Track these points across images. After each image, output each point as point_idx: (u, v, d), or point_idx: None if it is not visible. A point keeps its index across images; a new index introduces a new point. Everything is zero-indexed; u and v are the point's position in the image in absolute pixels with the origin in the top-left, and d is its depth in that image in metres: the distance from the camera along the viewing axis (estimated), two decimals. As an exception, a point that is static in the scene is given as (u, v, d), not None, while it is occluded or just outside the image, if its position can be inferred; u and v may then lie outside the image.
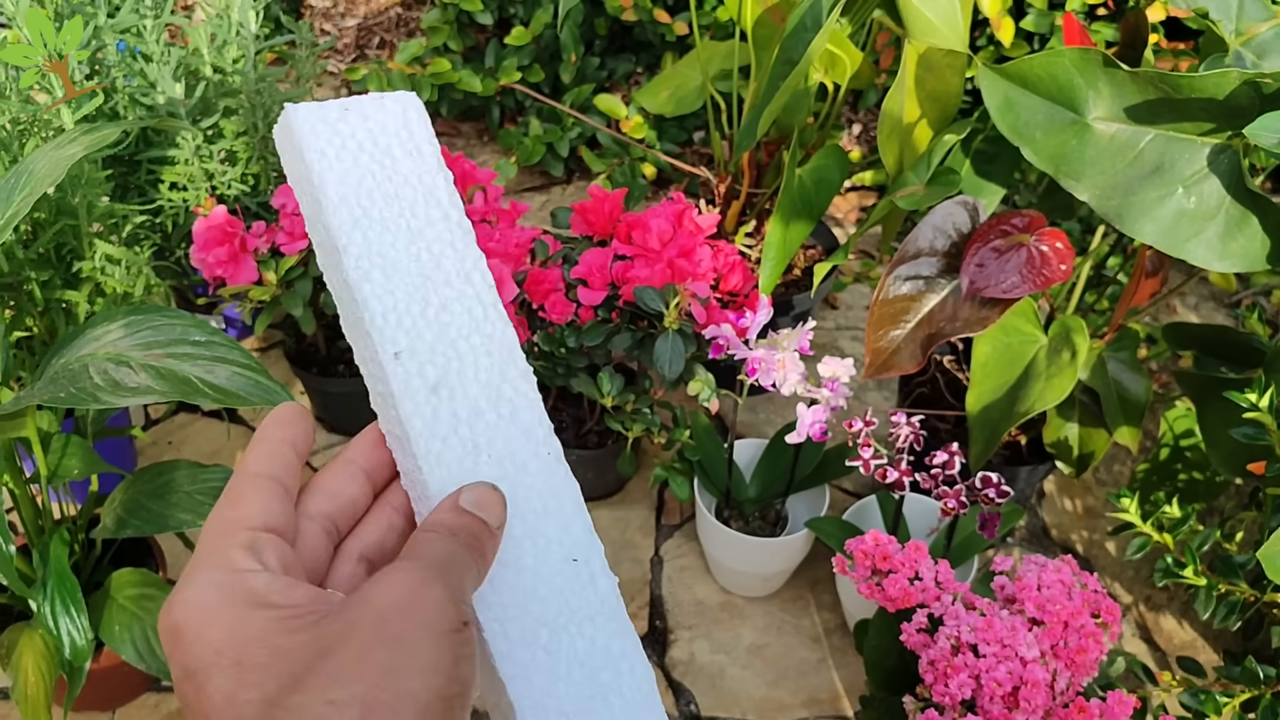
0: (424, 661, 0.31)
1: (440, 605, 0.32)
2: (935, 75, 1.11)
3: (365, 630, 0.31)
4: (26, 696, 0.91)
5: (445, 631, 0.32)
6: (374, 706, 0.30)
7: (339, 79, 2.03)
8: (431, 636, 0.31)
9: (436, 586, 0.33)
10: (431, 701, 0.30)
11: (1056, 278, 0.97)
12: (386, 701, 0.30)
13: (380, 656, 0.31)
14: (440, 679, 0.31)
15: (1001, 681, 0.84)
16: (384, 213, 0.38)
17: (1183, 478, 1.18)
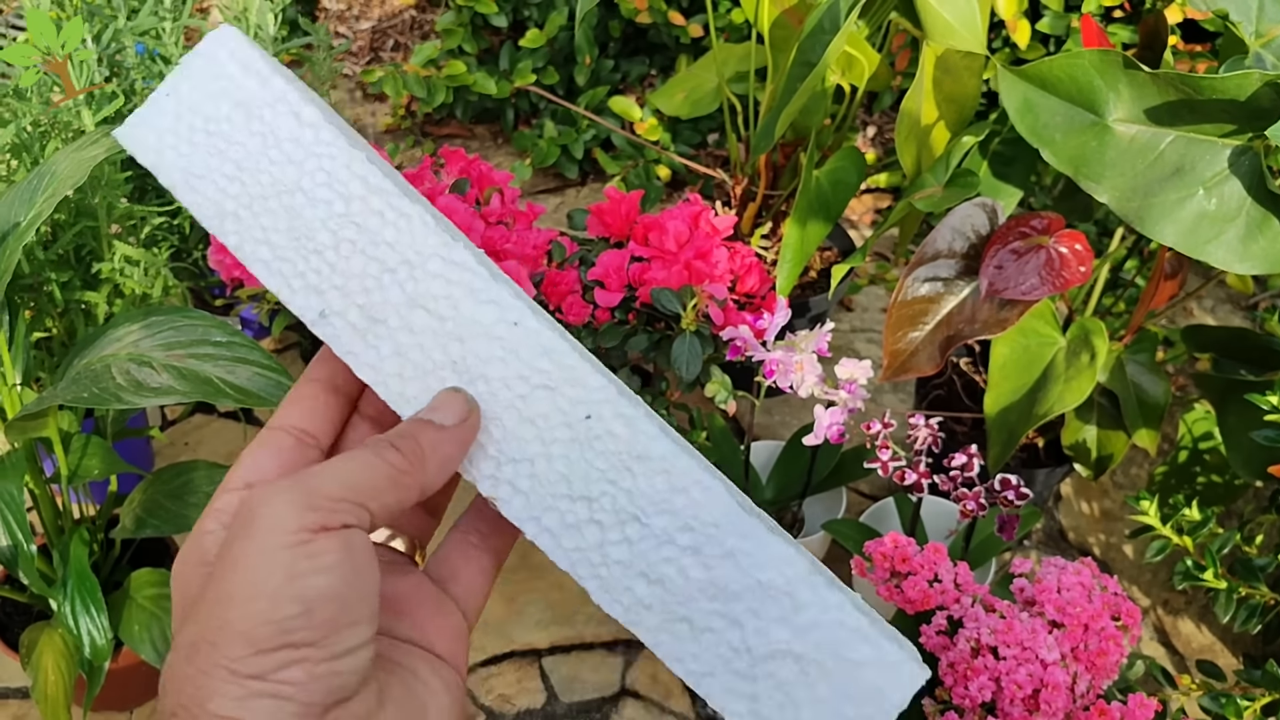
0: (246, 586, 0.28)
1: (277, 519, 0.29)
2: (953, 77, 1.11)
3: (215, 564, 0.30)
4: (46, 695, 0.92)
5: (277, 548, 0.29)
6: (198, 646, 0.28)
7: (354, 81, 2.04)
8: (258, 557, 0.29)
9: (277, 498, 0.29)
10: (254, 629, 0.28)
11: (1075, 280, 0.96)
12: (209, 639, 0.28)
13: (212, 591, 0.29)
14: (264, 602, 0.28)
15: (1022, 684, 0.83)
16: (243, 180, 0.36)
17: (1201, 480, 1.17)
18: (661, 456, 0.34)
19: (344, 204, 0.35)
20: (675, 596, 0.33)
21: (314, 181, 0.35)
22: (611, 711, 1.14)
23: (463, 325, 0.35)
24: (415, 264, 0.35)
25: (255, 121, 0.35)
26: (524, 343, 0.34)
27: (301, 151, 0.35)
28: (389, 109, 1.97)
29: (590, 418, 0.34)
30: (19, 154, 1.03)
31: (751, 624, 0.33)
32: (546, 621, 1.21)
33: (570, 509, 0.34)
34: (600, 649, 1.19)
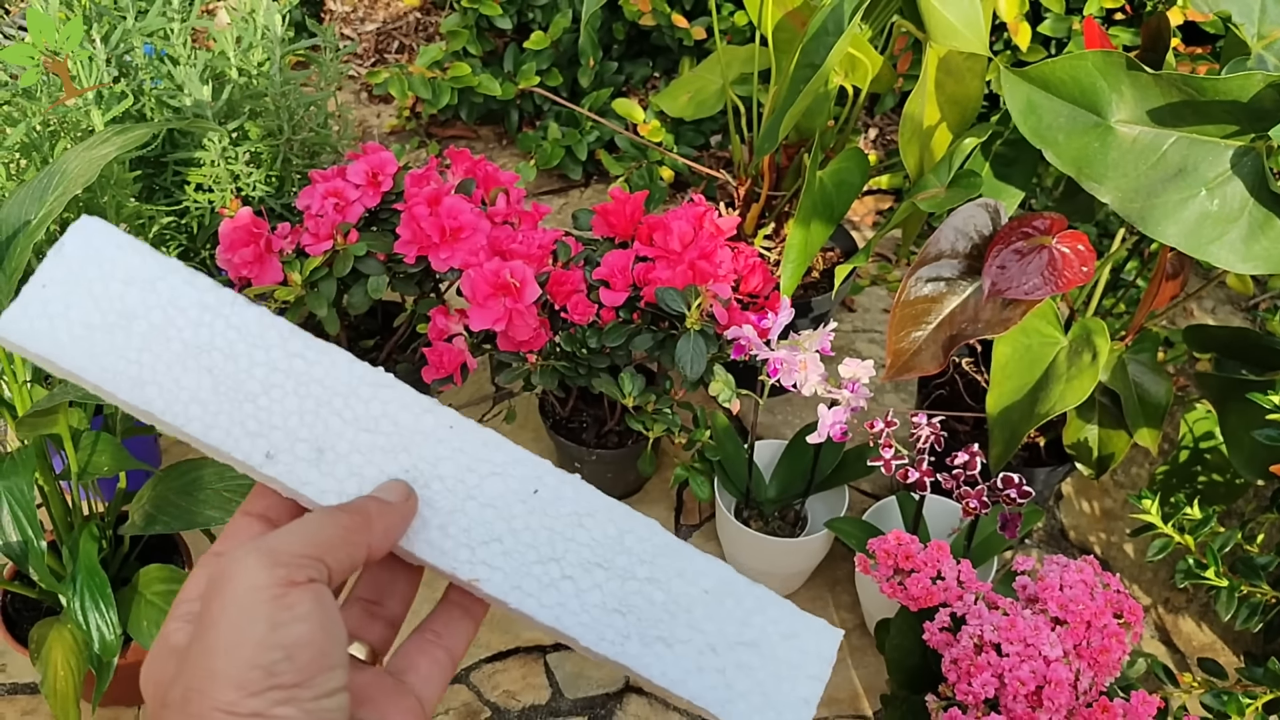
0: (230, 637, 0.31)
1: (249, 578, 0.32)
2: (955, 79, 1.12)
3: (197, 626, 0.33)
4: (56, 691, 0.92)
5: (255, 603, 0.31)
6: (189, 697, 0.31)
7: (359, 83, 2.04)
8: (239, 610, 0.31)
9: (246, 560, 0.32)
10: (243, 673, 0.30)
11: (1078, 280, 0.97)
12: (198, 688, 0.31)
13: (196, 646, 0.32)
14: (249, 649, 0.31)
15: (1025, 680, 0.84)
16: (153, 350, 0.38)
17: (1202, 480, 1.18)
18: (604, 508, 0.40)
19: (264, 353, 0.38)
20: (647, 621, 0.39)
21: (227, 339, 0.38)
22: (616, 707, 1.15)
23: (406, 437, 0.39)
24: (348, 393, 0.39)
25: (151, 295, 0.38)
26: (465, 440, 0.39)
27: (209, 314, 0.38)
28: (394, 110, 1.97)
29: (538, 491, 0.39)
30: (28, 153, 1.04)
31: (710, 627, 0.39)
32: (551, 619, 1.22)
33: (544, 571, 0.39)
34: (604, 647, 1.20)
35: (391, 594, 0.41)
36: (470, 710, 1.14)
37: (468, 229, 1.12)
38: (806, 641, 0.39)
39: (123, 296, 0.38)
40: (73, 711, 0.92)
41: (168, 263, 0.38)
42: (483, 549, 0.39)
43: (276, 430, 0.38)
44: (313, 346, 0.39)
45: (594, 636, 0.38)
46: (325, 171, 1.19)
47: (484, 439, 0.39)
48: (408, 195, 1.15)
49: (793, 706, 0.38)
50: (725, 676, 0.38)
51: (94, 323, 0.37)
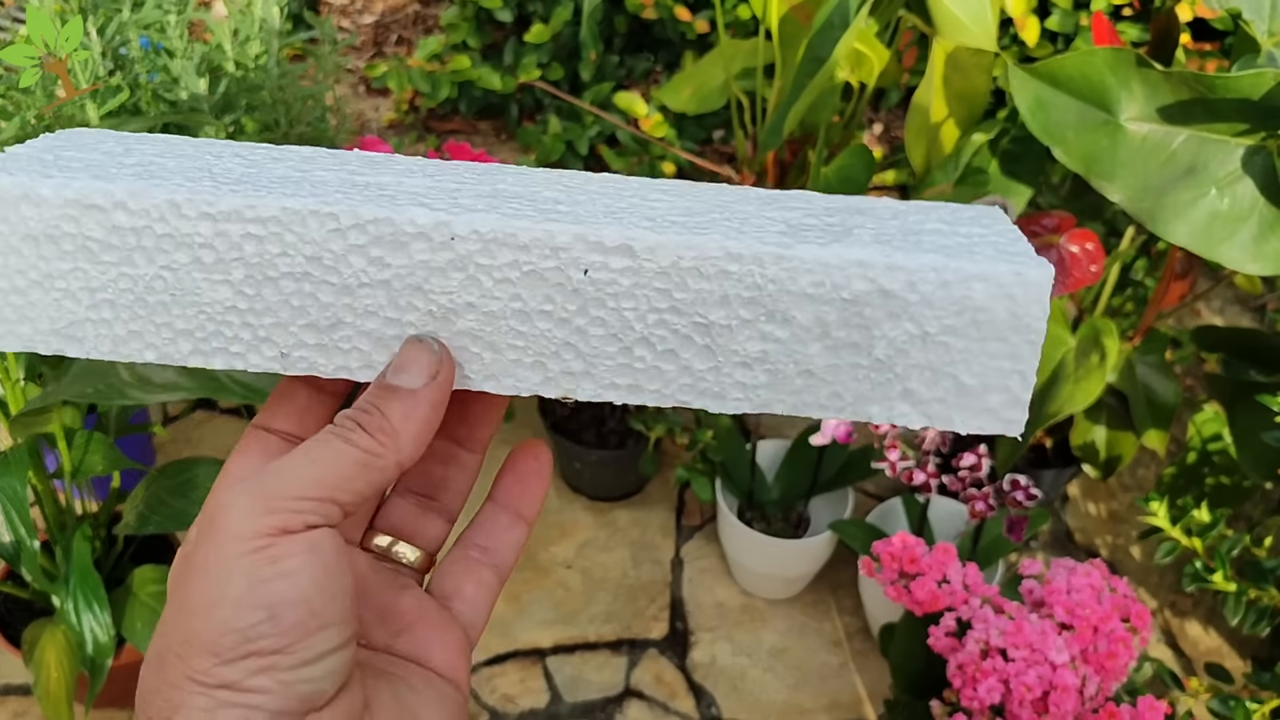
0: (207, 594, 0.27)
1: (234, 526, 0.28)
2: (962, 74, 1.10)
3: (182, 570, 0.29)
4: (48, 693, 0.91)
5: (234, 555, 0.28)
6: (165, 658, 0.28)
7: (357, 76, 2.03)
8: (218, 565, 0.28)
9: (234, 504, 0.28)
10: (218, 639, 0.27)
11: (1087, 279, 0.96)
12: (175, 650, 0.28)
13: (176, 599, 0.28)
14: (227, 609, 0.27)
15: (1031, 686, 0.83)
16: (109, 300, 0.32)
17: (1210, 482, 1.17)
18: (677, 259, 0.31)
19: (210, 252, 0.32)
20: (781, 361, 0.31)
21: (166, 252, 0.32)
22: (615, 712, 1.13)
23: (408, 274, 0.31)
24: (319, 255, 0.31)
25: (64, 242, 0.32)
26: (475, 251, 0.31)
27: (130, 236, 0.32)
28: (392, 104, 1.96)
29: (589, 271, 0.31)
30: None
31: (864, 338, 0.31)
32: (550, 621, 1.21)
33: (634, 359, 0.32)
34: (604, 649, 1.19)
35: (445, 487, 0.36)
36: (468, 714, 1.12)
37: (467, 225, 1.11)
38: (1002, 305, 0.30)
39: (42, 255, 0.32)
40: (65, 713, 0.91)
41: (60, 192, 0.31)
42: (555, 361, 0.32)
43: (277, 326, 0.32)
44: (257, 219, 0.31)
45: (721, 401, 0.32)
46: (323, 166, 1.18)
47: (497, 237, 0.31)
48: (406, 191, 1.14)
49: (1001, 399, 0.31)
50: (904, 386, 0.31)
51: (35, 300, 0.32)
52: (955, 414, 0.32)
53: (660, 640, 1.20)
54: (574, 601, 1.23)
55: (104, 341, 0.32)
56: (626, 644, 1.19)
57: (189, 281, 0.32)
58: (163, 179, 0.32)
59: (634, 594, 1.24)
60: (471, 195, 0.32)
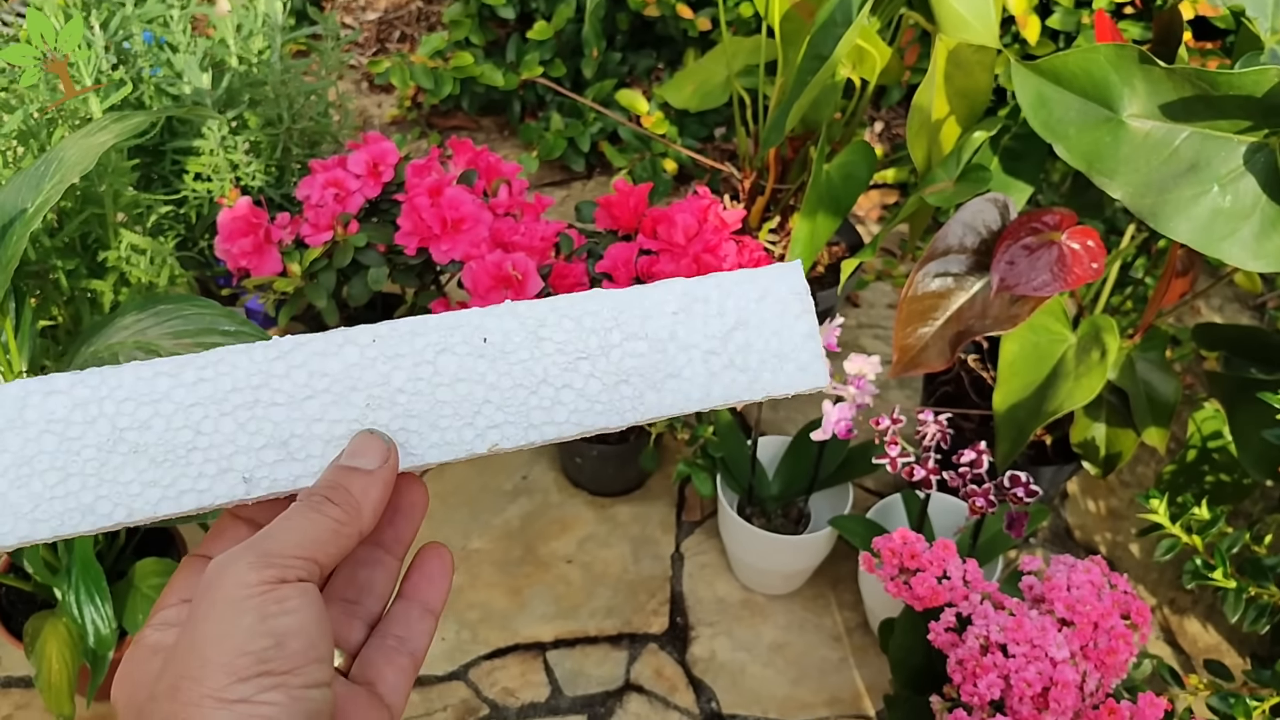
0: (218, 628, 0.31)
1: (239, 576, 0.32)
2: (964, 72, 1.10)
3: (184, 623, 0.33)
4: (50, 685, 0.91)
5: (242, 597, 0.32)
6: (179, 685, 0.31)
7: (360, 72, 2.03)
8: (226, 604, 0.32)
9: (237, 561, 0.33)
10: (233, 660, 0.31)
11: (1088, 276, 0.96)
12: (190, 675, 0.31)
13: (185, 640, 0.32)
14: (241, 636, 0.31)
15: (1031, 682, 0.83)
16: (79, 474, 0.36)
17: (1210, 480, 1.17)
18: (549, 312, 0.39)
19: (169, 405, 0.36)
20: (648, 372, 0.40)
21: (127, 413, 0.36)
22: (616, 706, 1.14)
23: (337, 384, 0.38)
24: (259, 387, 0.37)
25: (30, 428, 0.35)
26: (394, 344, 0.38)
27: (93, 408, 0.36)
28: (395, 100, 1.96)
29: (487, 339, 0.39)
30: (25, 140, 1.02)
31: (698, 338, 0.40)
32: (551, 615, 1.21)
33: (541, 397, 0.39)
34: (605, 643, 1.19)
35: (371, 591, 0.40)
36: (469, 707, 1.13)
37: (469, 220, 1.11)
38: (778, 291, 0.41)
39: (6, 446, 0.35)
40: (67, 705, 0.91)
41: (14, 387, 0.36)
42: (479, 418, 0.38)
43: (240, 455, 0.37)
44: (200, 367, 0.37)
45: (618, 416, 0.39)
46: (325, 161, 1.18)
47: (410, 329, 0.38)
48: (409, 186, 1.14)
49: (802, 347, 0.41)
50: (735, 365, 0.40)
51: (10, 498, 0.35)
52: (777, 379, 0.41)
53: (660, 635, 1.20)
54: (574, 596, 1.23)
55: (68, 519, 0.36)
56: (627, 638, 1.20)
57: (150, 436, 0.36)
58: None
59: (634, 589, 1.24)
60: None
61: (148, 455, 0.36)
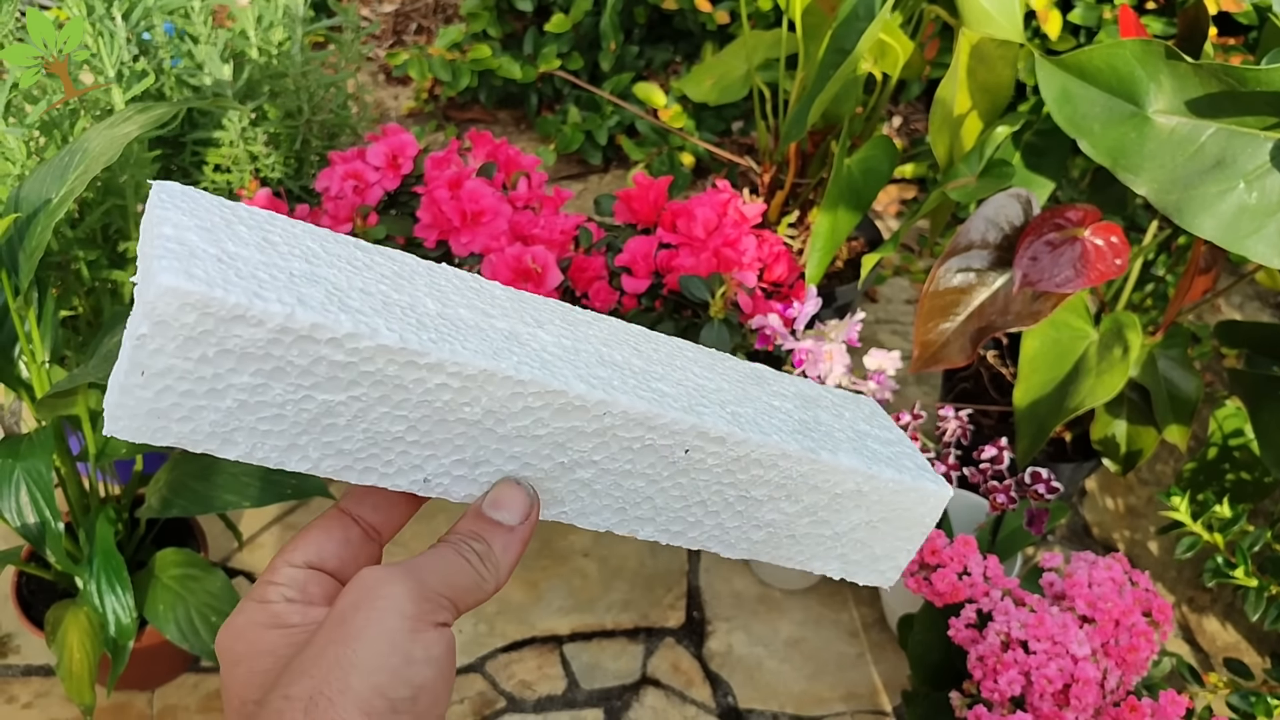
0: (370, 659, 0.31)
1: (397, 603, 0.32)
2: (987, 66, 1.10)
3: (327, 629, 0.33)
4: (71, 673, 0.92)
5: (400, 631, 0.32)
6: (317, 700, 0.31)
7: (377, 65, 2.03)
8: (382, 633, 0.32)
9: (397, 585, 0.33)
10: (372, 698, 0.31)
11: (1110, 272, 0.95)
12: (329, 695, 0.31)
13: (332, 653, 0.32)
14: (385, 677, 0.31)
15: (1052, 679, 0.83)
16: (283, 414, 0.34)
17: (1230, 478, 1.16)
18: (749, 452, 0.40)
19: (402, 392, 0.34)
20: (781, 527, 0.42)
21: (361, 386, 0.33)
22: (633, 699, 1.14)
23: (558, 435, 0.37)
24: (496, 410, 0.35)
25: (263, 361, 0.32)
26: (617, 425, 0.37)
27: (332, 367, 0.33)
28: (412, 93, 1.96)
29: (689, 451, 0.39)
30: (48, 131, 1.03)
31: (835, 518, 0.43)
32: (568, 608, 1.21)
33: (689, 513, 0.41)
34: (622, 636, 1.19)
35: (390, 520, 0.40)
36: (485, 700, 1.13)
37: (489, 213, 1.11)
38: (919, 510, 0.43)
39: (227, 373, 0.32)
40: (88, 694, 0.91)
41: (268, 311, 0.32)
42: (633, 509, 0.40)
43: (430, 459, 0.36)
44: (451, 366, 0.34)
45: (730, 549, 0.42)
46: (345, 153, 1.18)
47: (638, 418, 0.37)
48: (428, 178, 1.14)
49: (897, 559, 0.45)
50: (842, 548, 0.44)
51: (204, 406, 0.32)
52: (861, 571, 0.45)
53: (677, 629, 1.20)
54: (591, 589, 1.23)
55: (260, 449, 0.34)
56: (643, 632, 1.20)
57: (370, 413, 0.34)
58: (360, 314, 0.33)
59: (651, 582, 1.24)
60: (594, 359, 0.39)
61: (355, 428, 0.34)
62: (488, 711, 1.12)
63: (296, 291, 0.32)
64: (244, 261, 0.33)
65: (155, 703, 1.10)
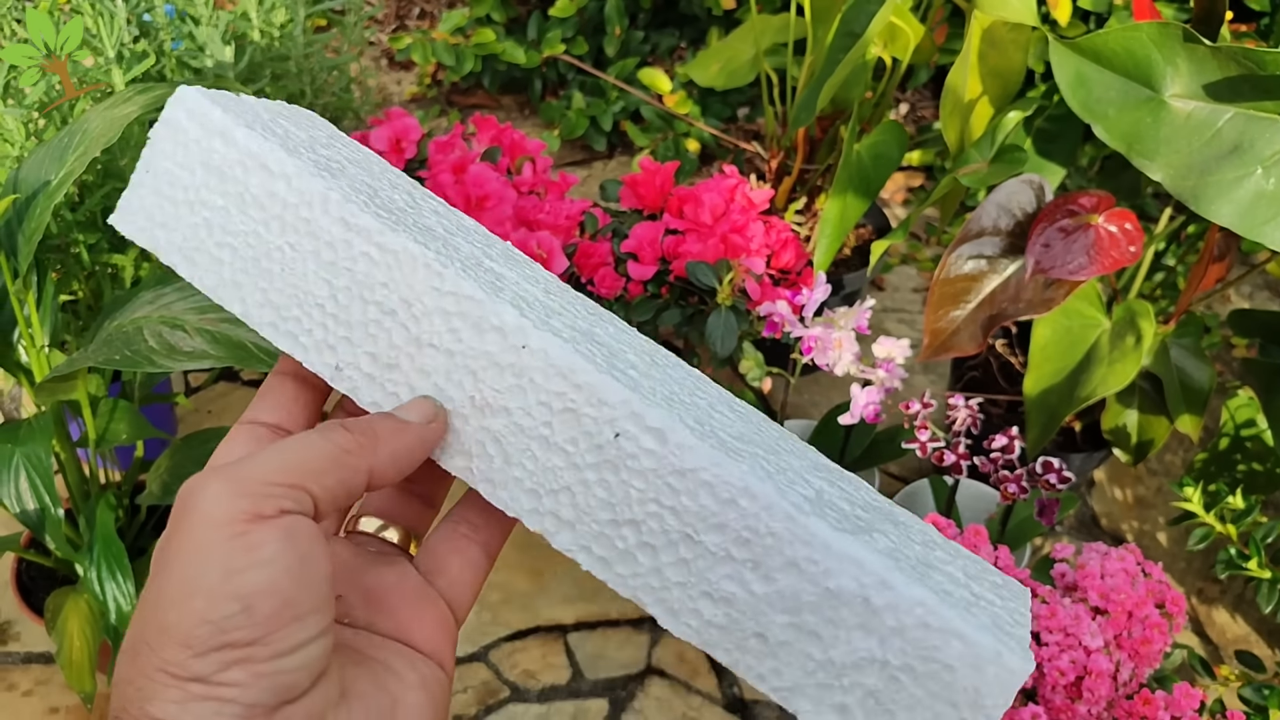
0: (181, 585, 0.27)
1: (208, 509, 0.27)
2: (999, 51, 1.08)
3: (156, 558, 0.28)
4: (71, 661, 0.91)
5: (213, 542, 0.27)
6: (138, 649, 0.27)
7: (379, 49, 2.01)
8: (193, 552, 0.27)
9: (208, 488, 0.28)
10: (192, 630, 0.26)
11: (1125, 260, 0.94)
12: (147, 641, 0.27)
13: (153, 588, 0.28)
14: (200, 601, 0.26)
15: (1065, 671, 0.82)
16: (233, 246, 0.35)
17: (1242, 468, 1.15)
18: (699, 468, 0.31)
19: (330, 251, 0.34)
20: (744, 613, 0.31)
21: (298, 233, 0.34)
22: (637, 689, 1.13)
23: (471, 358, 0.33)
24: (412, 301, 0.33)
25: (229, 183, 0.35)
26: (535, 367, 0.32)
27: (278, 204, 0.34)
28: (415, 77, 1.95)
29: (620, 436, 0.31)
30: (47, 112, 1.01)
31: (829, 634, 0.30)
32: (573, 597, 1.20)
33: (618, 535, 0.32)
34: (626, 626, 1.18)
35: (428, 476, 0.36)
36: (489, 689, 1.12)
37: (494, 198, 1.10)
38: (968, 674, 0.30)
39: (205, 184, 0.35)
40: (88, 682, 0.91)
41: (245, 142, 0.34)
42: (550, 499, 0.32)
43: (344, 341, 0.34)
44: (378, 244, 0.33)
45: (676, 621, 0.32)
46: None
47: (559, 366, 0.32)
48: (432, 163, 1.13)
49: None
50: (843, 697, 0.31)
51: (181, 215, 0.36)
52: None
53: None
54: (596, 578, 1.22)
55: (209, 276, 0.36)
56: (649, 621, 1.19)
57: (300, 265, 0.34)
58: (332, 176, 0.35)
59: (656, 572, 1.23)
60: (565, 325, 0.34)
61: (283, 280, 0.34)
62: (491, 701, 1.11)
63: (282, 142, 0.35)
64: (255, 116, 0.37)
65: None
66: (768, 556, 0.30)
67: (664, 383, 0.35)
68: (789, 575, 0.30)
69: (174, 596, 0.27)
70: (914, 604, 0.29)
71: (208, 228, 0.35)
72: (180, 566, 0.27)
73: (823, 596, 0.30)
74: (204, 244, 0.35)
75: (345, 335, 0.34)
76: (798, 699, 0.31)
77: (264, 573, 0.27)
